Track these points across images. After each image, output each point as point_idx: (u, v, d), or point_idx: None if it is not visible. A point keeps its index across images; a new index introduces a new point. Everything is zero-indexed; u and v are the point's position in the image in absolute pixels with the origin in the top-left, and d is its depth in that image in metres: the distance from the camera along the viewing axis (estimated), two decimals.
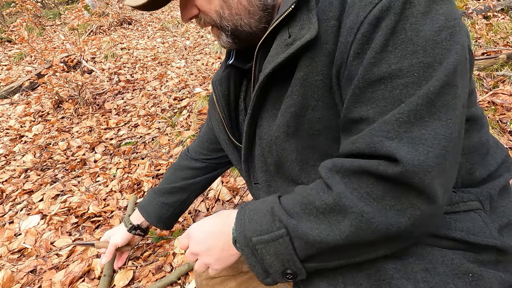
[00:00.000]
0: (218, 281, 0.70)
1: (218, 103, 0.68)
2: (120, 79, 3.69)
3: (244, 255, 0.48)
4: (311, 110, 0.50)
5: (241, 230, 0.48)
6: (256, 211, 0.49)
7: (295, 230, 0.44)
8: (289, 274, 0.47)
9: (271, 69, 0.50)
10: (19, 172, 2.31)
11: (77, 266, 1.48)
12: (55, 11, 6.92)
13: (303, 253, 0.45)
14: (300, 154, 0.54)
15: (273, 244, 0.45)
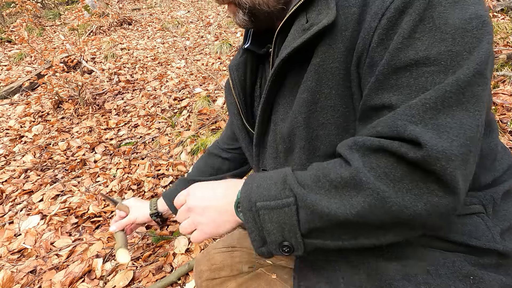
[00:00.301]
0: (218, 282, 0.70)
1: (234, 88, 0.68)
2: (120, 79, 3.69)
3: (244, 219, 0.47)
4: (324, 97, 0.50)
5: (247, 193, 0.47)
6: (266, 178, 0.48)
7: (304, 199, 0.43)
8: (286, 247, 0.46)
9: (286, 54, 0.50)
10: (19, 173, 2.31)
11: (77, 267, 1.48)
12: (55, 12, 6.92)
13: (306, 225, 0.44)
14: (309, 143, 0.53)
15: (277, 211, 0.44)
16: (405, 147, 0.38)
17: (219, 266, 0.70)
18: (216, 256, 0.72)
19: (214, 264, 0.71)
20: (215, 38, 4.67)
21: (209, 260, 0.72)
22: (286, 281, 0.65)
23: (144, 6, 7.27)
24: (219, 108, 2.76)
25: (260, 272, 0.68)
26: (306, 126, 0.52)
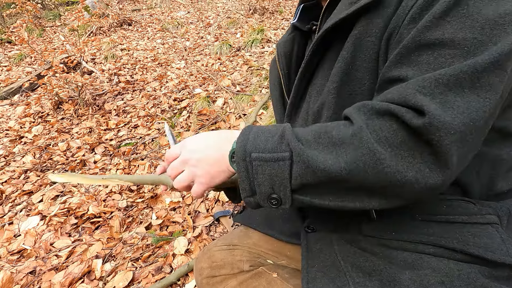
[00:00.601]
0: (219, 279, 0.69)
1: (279, 61, 0.71)
2: (120, 80, 3.69)
3: (237, 168, 0.48)
4: (355, 69, 0.51)
5: (242, 144, 0.48)
6: (265, 131, 0.49)
7: (301, 154, 0.44)
8: (274, 200, 0.48)
9: (331, 25, 0.51)
10: (18, 173, 2.31)
11: (76, 267, 1.47)
12: (55, 12, 6.92)
13: (298, 180, 0.45)
14: (335, 113, 0.54)
15: (271, 164, 0.45)
16: (410, 113, 0.39)
17: (219, 264, 0.70)
18: (216, 254, 0.72)
19: (214, 261, 0.71)
20: (215, 39, 4.67)
21: (210, 258, 0.72)
22: (287, 280, 0.65)
23: (144, 7, 7.28)
24: (218, 109, 2.76)
25: (261, 270, 0.68)
26: (336, 95, 0.53)
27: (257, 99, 2.76)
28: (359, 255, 0.55)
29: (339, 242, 0.59)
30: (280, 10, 5.64)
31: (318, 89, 0.59)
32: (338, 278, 0.53)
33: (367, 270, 0.53)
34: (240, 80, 3.23)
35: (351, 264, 0.54)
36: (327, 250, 0.59)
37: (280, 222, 0.75)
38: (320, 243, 0.61)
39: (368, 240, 0.56)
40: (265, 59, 3.59)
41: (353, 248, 0.57)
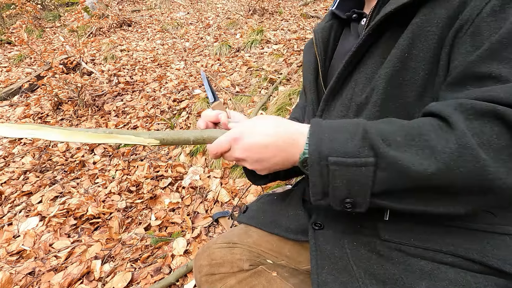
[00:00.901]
0: (218, 277, 0.69)
1: (317, 46, 0.71)
2: (120, 80, 3.69)
3: (310, 172, 0.45)
4: (410, 58, 0.50)
5: (316, 145, 0.45)
6: (339, 129, 0.46)
7: (391, 161, 0.41)
8: (348, 204, 0.46)
9: (392, 9, 0.51)
10: (18, 174, 2.31)
11: (75, 268, 1.47)
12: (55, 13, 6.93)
13: (382, 186, 0.43)
14: (383, 100, 0.53)
15: (352, 169, 0.43)
16: None
17: (219, 262, 0.70)
18: (216, 252, 0.72)
19: (214, 259, 0.71)
20: (215, 40, 4.67)
21: (209, 255, 0.72)
22: (286, 279, 0.65)
23: (144, 7, 7.29)
24: None
25: (261, 269, 0.68)
26: (386, 81, 0.52)
27: (256, 100, 2.77)
28: (374, 261, 0.54)
29: (351, 245, 0.58)
30: (280, 11, 5.64)
31: (367, 76, 0.57)
32: (350, 284, 0.52)
33: (381, 277, 0.51)
34: (239, 81, 3.23)
35: (364, 270, 0.53)
36: (338, 252, 0.58)
37: (286, 220, 0.74)
38: (330, 244, 0.60)
39: (385, 245, 0.55)
40: (264, 60, 3.60)
41: (367, 252, 0.55)
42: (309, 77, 0.73)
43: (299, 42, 3.92)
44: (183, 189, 2.00)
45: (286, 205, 0.77)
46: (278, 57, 3.53)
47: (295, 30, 4.51)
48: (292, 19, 5.09)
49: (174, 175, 2.11)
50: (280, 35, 4.37)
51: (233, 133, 0.52)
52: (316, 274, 0.57)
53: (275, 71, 3.21)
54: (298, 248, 0.73)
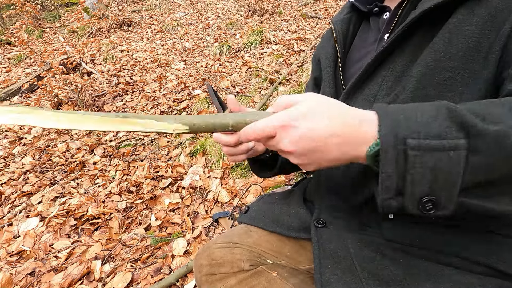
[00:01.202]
0: (218, 277, 0.69)
1: (337, 38, 0.69)
2: (120, 81, 3.69)
3: (381, 159, 0.36)
4: (448, 58, 0.49)
5: (392, 127, 0.36)
6: (415, 110, 0.37)
7: (500, 139, 0.34)
8: (429, 203, 0.37)
9: (432, 5, 0.49)
10: (18, 174, 2.31)
11: (76, 269, 1.48)
12: (54, 13, 6.93)
13: (477, 177, 0.35)
14: (413, 100, 0.51)
15: (438, 155, 0.34)
16: None
17: (219, 262, 0.70)
18: (216, 252, 0.72)
19: (214, 259, 0.71)
20: (214, 40, 4.68)
21: (209, 255, 0.72)
22: (286, 279, 0.65)
23: (144, 8, 7.29)
24: None
25: (261, 269, 0.68)
26: (417, 80, 0.51)
27: (256, 100, 2.77)
28: (378, 262, 0.53)
29: (354, 244, 0.57)
30: (280, 11, 5.65)
31: (397, 75, 0.55)
32: (354, 284, 0.52)
33: (385, 279, 0.51)
34: (239, 81, 3.23)
35: (368, 271, 0.53)
36: (341, 252, 0.58)
37: (287, 218, 0.73)
38: (334, 243, 0.60)
39: (389, 245, 0.54)
40: (264, 60, 3.60)
41: (370, 252, 0.55)
42: (327, 69, 0.71)
43: (299, 42, 3.93)
44: (183, 189, 2.00)
45: (287, 204, 0.78)
46: (278, 58, 3.53)
47: (295, 31, 4.51)
48: (292, 20, 5.09)
49: (174, 176, 2.11)
50: (280, 35, 4.37)
51: (282, 118, 0.41)
52: (319, 274, 0.56)
53: (275, 71, 3.21)
54: (298, 248, 0.73)
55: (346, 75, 0.69)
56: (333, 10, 5.30)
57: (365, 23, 0.71)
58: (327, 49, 0.73)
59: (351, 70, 0.69)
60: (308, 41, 3.90)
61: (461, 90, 0.49)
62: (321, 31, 4.24)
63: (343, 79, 0.68)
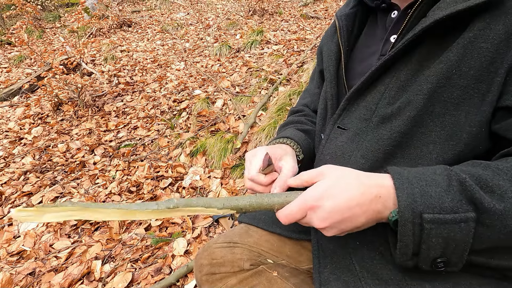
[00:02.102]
0: (218, 277, 0.69)
1: (341, 35, 0.66)
2: (120, 81, 3.69)
3: (400, 231, 0.41)
4: (458, 75, 0.47)
5: (408, 202, 0.40)
6: (428, 182, 0.42)
7: (504, 217, 0.38)
8: (441, 263, 0.42)
9: (444, 15, 0.47)
10: (18, 174, 2.31)
11: (76, 269, 1.47)
12: (55, 14, 6.93)
13: (481, 244, 0.40)
14: (420, 116, 0.50)
15: (450, 227, 0.39)
16: None
17: (219, 261, 0.70)
18: (216, 251, 0.71)
19: (214, 259, 0.70)
20: (215, 40, 4.68)
21: (210, 255, 0.72)
22: (287, 278, 0.65)
23: (144, 8, 7.29)
24: (218, 110, 2.76)
25: (261, 269, 0.68)
26: (427, 97, 0.49)
27: (256, 100, 2.77)
28: (377, 261, 0.53)
29: (354, 244, 0.57)
30: (280, 12, 5.65)
31: (401, 84, 0.53)
32: (353, 283, 0.52)
33: (385, 278, 0.51)
34: (239, 82, 3.23)
35: (367, 270, 0.53)
36: (341, 251, 0.58)
37: None
38: (333, 244, 0.60)
39: (388, 245, 0.54)
40: (264, 61, 3.60)
41: (370, 252, 0.55)
42: (329, 69, 0.68)
43: (299, 42, 3.93)
44: (183, 189, 2.00)
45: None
46: (278, 58, 3.54)
47: (295, 31, 4.51)
48: (292, 20, 5.09)
49: (175, 176, 2.11)
50: (280, 35, 4.37)
51: (308, 199, 0.46)
52: (318, 273, 0.57)
53: (275, 71, 3.21)
54: (299, 247, 0.73)
55: (349, 75, 0.67)
56: (333, 10, 5.30)
57: (372, 18, 0.69)
58: (330, 45, 0.70)
59: (355, 70, 0.67)
60: (308, 41, 3.90)
61: (468, 109, 0.48)
62: (321, 31, 4.24)
63: (346, 79, 0.67)
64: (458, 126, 0.48)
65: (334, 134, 0.63)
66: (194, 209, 0.45)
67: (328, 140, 0.64)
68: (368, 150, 0.56)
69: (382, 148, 0.54)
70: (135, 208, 0.43)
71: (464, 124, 0.48)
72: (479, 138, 0.48)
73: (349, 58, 0.69)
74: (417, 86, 0.51)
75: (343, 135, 0.61)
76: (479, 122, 0.47)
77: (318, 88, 0.87)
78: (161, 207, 0.44)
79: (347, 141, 0.60)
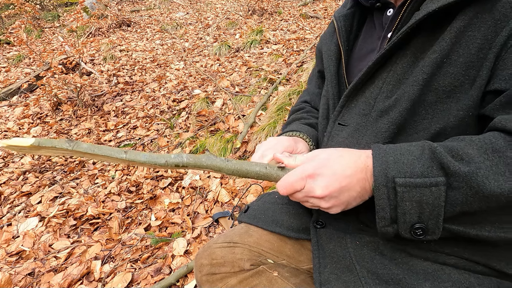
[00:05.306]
0: (219, 277, 0.68)
1: (340, 35, 0.67)
2: (119, 81, 3.69)
3: (376, 195, 0.44)
4: (449, 63, 0.49)
5: (382, 167, 0.44)
6: (403, 152, 0.45)
7: (467, 178, 0.40)
8: (419, 229, 0.44)
9: (437, 8, 0.48)
10: (17, 174, 2.30)
11: (75, 269, 1.47)
12: (54, 13, 6.92)
13: (457, 208, 0.42)
14: (414, 106, 0.52)
15: (421, 190, 0.42)
16: None
17: (219, 261, 0.70)
18: (217, 251, 0.71)
19: (214, 259, 0.70)
20: (214, 40, 4.67)
21: (210, 255, 0.71)
22: (287, 278, 0.65)
23: (143, 8, 7.28)
24: (217, 110, 2.76)
25: (262, 269, 0.68)
26: (422, 87, 0.51)
27: (256, 100, 2.77)
28: (377, 261, 0.53)
29: (354, 244, 0.57)
30: (279, 11, 5.65)
31: (397, 77, 0.54)
32: (353, 283, 0.52)
33: (384, 277, 0.51)
34: (239, 81, 3.23)
35: (367, 269, 0.53)
36: (341, 251, 0.58)
37: (287, 218, 0.73)
38: (333, 243, 0.60)
39: (388, 245, 0.54)
40: (264, 60, 3.60)
41: (370, 252, 0.55)
42: (330, 68, 0.69)
43: (298, 42, 3.93)
44: (183, 189, 1.99)
45: (287, 204, 0.77)
46: (277, 57, 3.53)
47: (294, 30, 4.51)
48: (292, 19, 5.09)
49: (174, 175, 2.10)
50: (280, 35, 4.37)
51: (307, 168, 0.49)
52: (318, 273, 0.57)
53: (275, 71, 3.21)
54: (299, 247, 0.73)
55: (350, 73, 0.68)
56: (332, 9, 5.30)
57: (370, 18, 0.70)
58: (329, 45, 0.71)
59: (355, 68, 0.67)
60: (308, 41, 3.90)
61: (459, 96, 0.49)
62: (320, 30, 4.24)
63: (347, 78, 0.67)
64: (449, 112, 0.50)
65: (335, 131, 0.64)
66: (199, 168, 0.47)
67: (330, 137, 0.65)
68: (368, 144, 0.56)
69: (381, 141, 0.55)
70: (143, 160, 0.44)
71: (454, 109, 0.50)
72: (466, 122, 0.50)
73: (349, 57, 0.69)
74: (413, 77, 0.52)
75: (343, 131, 0.62)
76: (466, 106, 0.49)
77: (318, 88, 0.87)
78: (169, 162, 0.45)
79: (348, 137, 0.61)
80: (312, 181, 0.48)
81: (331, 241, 0.60)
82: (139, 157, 0.44)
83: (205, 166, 0.48)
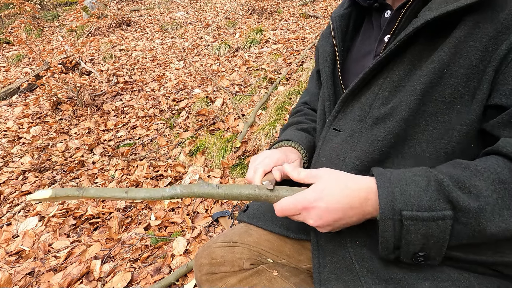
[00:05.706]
0: (218, 276, 0.68)
1: (336, 36, 0.67)
2: (119, 80, 3.68)
3: (381, 226, 0.44)
4: (449, 74, 0.48)
5: (388, 199, 0.43)
6: (408, 182, 0.44)
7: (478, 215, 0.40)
8: (421, 257, 0.45)
9: (435, 16, 0.47)
10: (17, 174, 2.30)
11: (75, 268, 1.47)
12: (53, 13, 6.91)
13: (459, 240, 0.42)
14: (413, 116, 0.51)
15: (428, 224, 0.42)
16: None
17: (219, 261, 0.70)
18: (216, 251, 0.71)
19: (214, 258, 0.70)
20: (214, 39, 4.67)
21: (210, 254, 0.71)
22: (287, 278, 0.65)
23: (143, 7, 7.28)
24: (217, 109, 2.76)
25: (261, 268, 0.68)
26: (420, 97, 0.50)
27: (255, 99, 2.77)
28: (377, 261, 0.53)
29: (353, 243, 0.57)
30: (279, 11, 5.64)
31: (394, 84, 0.54)
32: (353, 283, 0.52)
33: (384, 277, 0.51)
34: (238, 81, 3.23)
35: (367, 269, 0.53)
36: (340, 251, 0.58)
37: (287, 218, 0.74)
38: (333, 243, 0.60)
39: None
40: (263, 60, 3.60)
41: (369, 251, 0.55)
42: (325, 70, 0.68)
43: (298, 41, 3.92)
44: None
45: None
46: (277, 57, 3.53)
47: (294, 30, 4.51)
48: (291, 19, 5.09)
49: (174, 175, 2.10)
50: (279, 34, 4.37)
51: (301, 201, 0.50)
52: (318, 272, 0.57)
53: (275, 70, 3.21)
54: (299, 247, 0.73)
55: (345, 75, 0.67)
56: (332, 9, 5.29)
57: (367, 19, 0.69)
58: (325, 46, 0.71)
59: (350, 70, 0.67)
60: (308, 40, 3.90)
61: (459, 108, 0.48)
62: (320, 30, 4.24)
63: (342, 79, 0.67)
64: (449, 124, 0.49)
65: (329, 136, 0.64)
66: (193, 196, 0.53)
67: (324, 142, 0.65)
68: (363, 151, 0.56)
69: (377, 150, 0.54)
70: (142, 196, 0.52)
71: (456, 123, 0.49)
72: (470, 136, 0.49)
73: (345, 59, 0.69)
74: (410, 86, 0.51)
75: (338, 136, 0.62)
76: (469, 121, 0.48)
77: (317, 88, 0.87)
78: (165, 196, 0.52)
79: (342, 142, 0.61)
80: (306, 213, 0.50)
81: (331, 241, 0.60)
82: (138, 194, 0.52)
83: (198, 194, 0.53)
